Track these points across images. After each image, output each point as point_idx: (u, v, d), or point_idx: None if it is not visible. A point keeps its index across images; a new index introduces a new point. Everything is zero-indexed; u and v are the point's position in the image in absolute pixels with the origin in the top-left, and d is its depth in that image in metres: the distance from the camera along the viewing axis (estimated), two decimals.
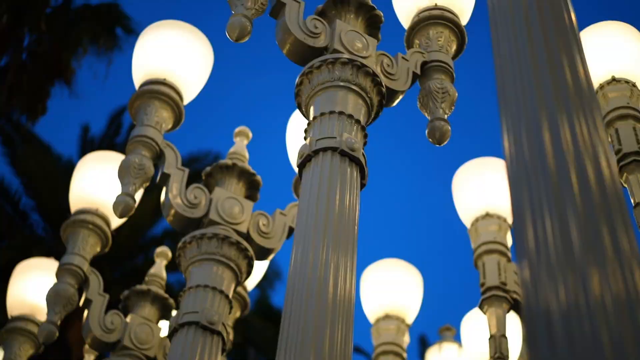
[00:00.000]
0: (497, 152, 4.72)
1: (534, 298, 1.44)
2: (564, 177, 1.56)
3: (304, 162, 2.87)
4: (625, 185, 3.59)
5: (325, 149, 2.83)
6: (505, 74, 1.87)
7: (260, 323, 16.55)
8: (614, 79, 3.86)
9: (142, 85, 3.88)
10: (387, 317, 4.95)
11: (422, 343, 20.98)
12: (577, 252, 1.44)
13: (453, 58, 3.45)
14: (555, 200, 1.53)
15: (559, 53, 1.82)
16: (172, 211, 3.69)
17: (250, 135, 4.31)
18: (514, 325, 4.45)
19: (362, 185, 2.92)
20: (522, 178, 1.62)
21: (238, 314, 4.28)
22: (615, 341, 1.31)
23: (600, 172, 1.57)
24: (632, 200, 3.52)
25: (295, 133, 4.14)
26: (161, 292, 4.31)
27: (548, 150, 1.62)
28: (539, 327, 1.40)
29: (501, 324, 4.12)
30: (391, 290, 5.02)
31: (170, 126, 3.86)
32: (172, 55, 3.96)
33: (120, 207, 3.49)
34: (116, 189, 3.66)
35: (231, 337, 4.03)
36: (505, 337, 4.10)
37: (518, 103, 1.76)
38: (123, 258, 14.24)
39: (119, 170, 3.63)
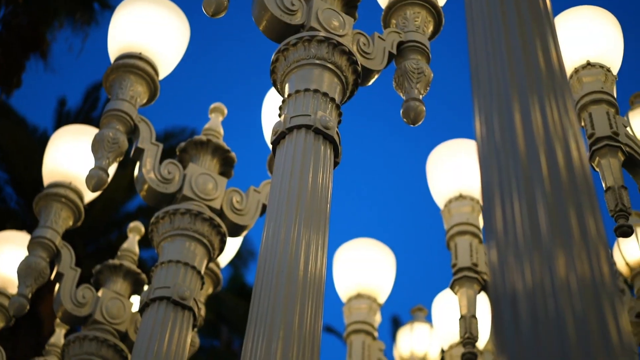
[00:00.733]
0: (472, 134, 4.74)
1: (501, 278, 1.45)
2: (533, 159, 1.57)
3: (277, 140, 2.87)
4: (597, 170, 3.62)
5: (299, 127, 2.83)
6: (478, 56, 1.88)
7: (233, 300, 16.57)
8: (589, 64, 3.88)
9: (117, 59, 3.86)
10: (359, 296, 4.98)
11: (395, 323, 21.09)
12: (544, 234, 1.45)
13: (430, 39, 3.45)
14: (524, 182, 1.54)
15: (533, 36, 1.83)
16: (146, 186, 3.68)
17: (226, 111, 4.30)
18: (484, 306, 4.49)
19: (336, 164, 2.92)
20: (492, 159, 1.63)
21: (210, 290, 4.28)
22: (578, 321, 1.33)
23: (570, 155, 1.59)
24: (603, 185, 3.55)
25: (271, 110, 4.13)
26: (133, 267, 4.30)
27: (518, 132, 1.63)
28: (505, 307, 1.42)
29: (472, 305, 4.15)
30: (363, 269, 5.04)
31: (145, 101, 3.84)
32: (148, 30, 3.93)
33: (93, 181, 3.48)
34: (90, 162, 3.64)
35: (203, 313, 4.04)
36: (476, 318, 4.13)
37: (490, 84, 1.77)
38: (97, 233, 14.20)
39: (92, 144, 3.61)
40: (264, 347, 2.32)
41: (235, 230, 3.81)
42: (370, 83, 3.28)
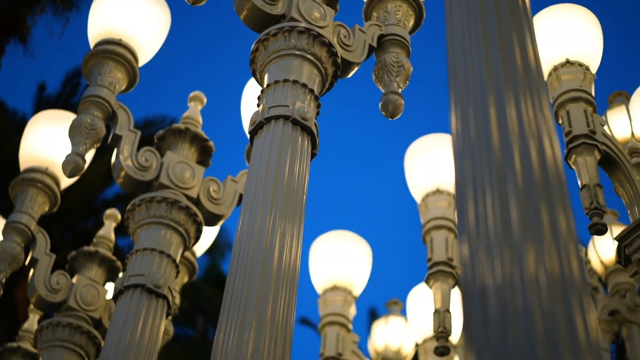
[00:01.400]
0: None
1: (471, 272, 1.46)
2: (507, 155, 1.58)
3: (255, 129, 2.87)
4: (574, 167, 3.64)
5: (277, 117, 2.82)
6: (456, 51, 1.88)
7: (209, 290, 16.54)
8: (568, 62, 3.89)
9: (97, 45, 3.84)
10: (334, 288, 4.99)
11: (372, 315, 21.14)
12: (515, 230, 1.46)
13: (410, 33, 3.46)
14: (497, 177, 1.55)
15: (510, 33, 1.83)
16: (123, 173, 3.66)
17: (205, 100, 4.29)
18: (458, 300, 4.51)
19: (313, 155, 2.92)
20: (466, 153, 1.64)
21: (186, 279, 4.28)
22: (546, 317, 1.34)
23: (543, 151, 1.59)
24: (578, 182, 3.57)
25: (251, 100, 4.12)
26: (109, 254, 4.29)
27: (493, 127, 1.64)
28: (474, 300, 1.42)
29: (446, 299, 4.17)
30: (339, 261, 5.05)
31: (124, 87, 3.82)
32: (129, 16, 3.91)
33: (69, 166, 3.46)
34: (67, 148, 3.62)
35: (177, 301, 4.04)
36: (449, 312, 4.15)
37: (467, 80, 1.78)
38: (74, 220, 14.13)
39: (69, 129, 3.59)
40: (236, 336, 2.32)
41: (211, 220, 3.81)
42: (350, 75, 3.29)
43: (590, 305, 1.39)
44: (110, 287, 4.25)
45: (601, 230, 3.44)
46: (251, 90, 4.23)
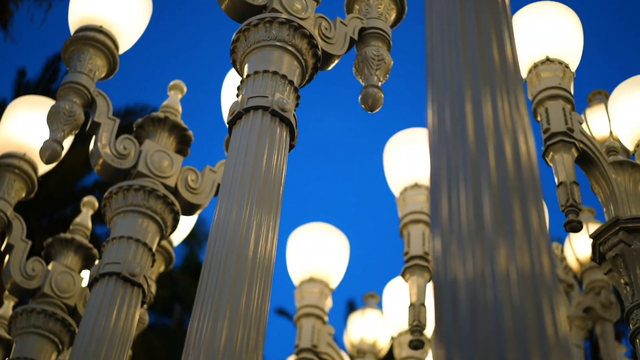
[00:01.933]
0: None
1: (443, 266, 1.46)
2: (481, 150, 1.59)
3: (234, 120, 2.87)
4: (551, 164, 3.66)
5: (256, 108, 2.82)
6: (435, 46, 1.89)
7: (187, 279, 16.53)
8: (548, 59, 3.91)
9: (77, 32, 3.81)
10: (311, 280, 4.99)
11: (351, 308, 21.19)
12: (488, 225, 1.47)
13: (392, 26, 3.46)
14: (471, 172, 1.56)
15: (489, 30, 1.84)
16: (101, 161, 3.65)
17: (185, 89, 4.28)
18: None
19: (291, 147, 2.93)
20: (441, 148, 1.64)
21: (162, 268, 4.27)
22: (516, 312, 1.35)
23: (518, 148, 1.60)
24: (555, 180, 3.59)
25: (231, 90, 4.11)
26: (85, 241, 4.27)
27: (469, 123, 1.64)
28: (445, 295, 1.43)
29: (421, 293, 4.19)
30: (317, 253, 5.06)
31: (104, 74, 3.80)
32: (110, 3, 3.88)
33: (47, 153, 3.44)
34: (46, 134, 3.60)
35: (153, 290, 4.03)
36: (425, 306, 4.17)
37: (444, 75, 1.78)
38: (52, 207, 14.07)
39: (48, 115, 3.57)
40: (209, 326, 2.33)
41: (189, 209, 3.80)
42: (330, 67, 3.29)
43: (560, 302, 1.40)
44: (86, 274, 4.24)
45: (576, 227, 3.46)
46: (232, 81, 4.22)
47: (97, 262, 4.18)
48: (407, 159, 4.59)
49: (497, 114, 1.65)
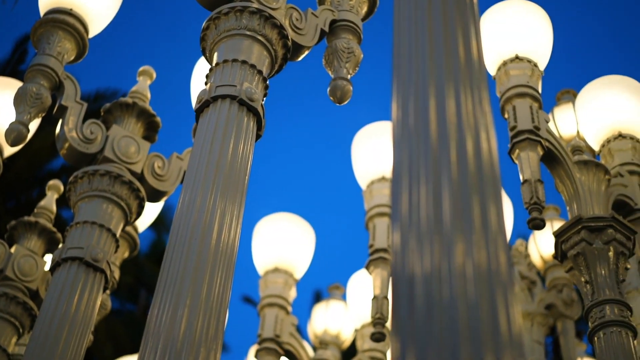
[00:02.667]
0: None
1: (401, 261, 1.48)
2: (443, 146, 1.60)
3: (201, 108, 2.87)
4: (517, 162, 3.69)
5: (224, 97, 2.82)
6: (401, 41, 1.90)
7: (153, 266, 16.46)
8: (517, 57, 3.94)
9: (47, 14, 3.77)
10: (276, 270, 4.99)
11: (317, 298, 21.20)
12: (447, 220, 1.48)
13: (363, 20, 3.47)
14: (432, 168, 1.57)
15: (455, 28, 1.85)
16: (67, 145, 3.62)
17: (154, 75, 4.25)
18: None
19: (258, 137, 2.93)
20: (403, 143, 1.65)
21: (127, 254, 4.26)
22: (471, 308, 1.36)
23: (479, 145, 1.62)
24: (520, 177, 3.62)
25: (201, 78, 4.10)
26: (49, 225, 4.24)
27: (432, 118, 1.65)
28: (403, 289, 1.44)
29: (385, 286, 4.21)
30: (282, 244, 5.06)
31: (72, 58, 3.77)
32: None
33: (12, 135, 3.41)
34: (12, 116, 3.57)
35: (116, 276, 4.02)
36: (387, 299, 4.18)
37: (410, 70, 1.79)
38: (19, 189, 13.94)
39: (14, 97, 3.53)
40: (169, 313, 2.33)
41: (154, 196, 3.79)
42: (300, 59, 3.29)
43: (515, 299, 1.42)
44: (49, 258, 4.21)
45: (539, 225, 3.49)
46: (202, 68, 4.21)
47: (60, 246, 4.17)
48: (374, 152, 4.60)
49: (460, 110, 1.66)
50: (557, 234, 3.71)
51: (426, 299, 1.39)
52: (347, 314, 5.89)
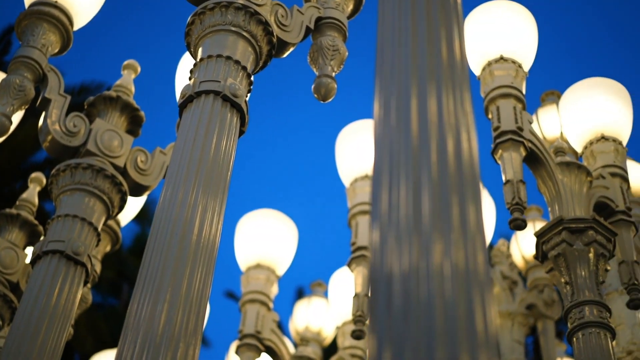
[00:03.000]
0: None
1: (380, 259, 1.48)
2: (424, 146, 1.60)
3: (185, 103, 2.86)
4: (499, 162, 3.70)
5: (207, 92, 2.82)
6: (385, 40, 1.90)
7: (136, 260, 16.42)
8: (502, 58, 3.95)
9: (31, 5, 3.75)
10: (258, 266, 4.99)
11: (300, 295, 21.19)
12: (426, 220, 1.49)
13: (348, 17, 3.47)
14: (413, 167, 1.57)
15: (439, 28, 1.86)
16: (49, 137, 3.61)
17: (139, 69, 4.24)
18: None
19: (241, 133, 2.93)
20: (385, 141, 1.66)
21: (108, 248, 4.24)
22: (448, 307, 1.37)
23: (460, 145, 1.62)
24: (503, 178, 3.63)
25: (186, 73, 4.09)
26: (31, 217, 4.23)
27: (413, 118, 1.66)
28: (381, 286, 1.45)
29: (366, 284, 4.21)
30: (265, 240, 5.06)
31: (56, 50, 3.75)
32: None
33: None
34: None
35: (98, 269, 4.01)
36: (368, 297, 4.19)
37: (392, 69, 1.79)
38: (1, 182, 13.89)
39: None
40: (149, 308, 2.32)
41: (137, 190, 3.78)
42: (285, 55, 3.29)
43: (492, 299, 1.42)
44: (30, 251, 4.20)
45: (520, 225, 3.51)
46: (187, 63, 4.19)
47: (42, 239, 4.15)
48: (358, 150, 4.61)
49: (442, 110, 1.67)
50: (538, 235, 3.73)
51: (404, 297, 1.39)
52: (328, 311, 5.89)
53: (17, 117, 3.59)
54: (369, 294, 1.50)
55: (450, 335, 1.33)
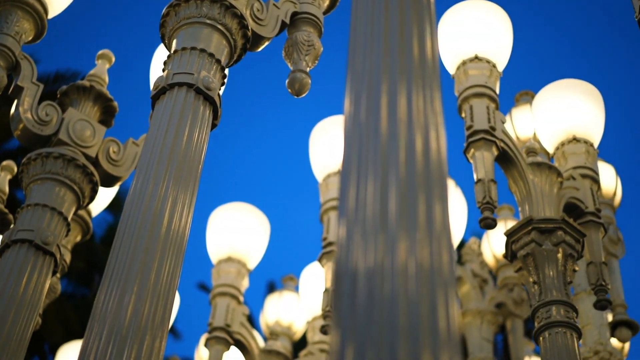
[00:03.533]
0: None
1: (345, 255, 1.49)
2: (392, 143, 1.61)
3: (158, 94, 2.86)
4: (472, 161, 3.72)
5: (181, 84, 2.82)
6: (357, 37, 1.90)
7: (108, 250, 16.33)
8: (476, 57, 3.97)
9: None
10: (229, 259, 4.99)
11: (271, 289, 21.18)
12: (392, 218, 1.49)
13: (325, 13, 3.48)
14: (381, 165, 1.58)
15: (411, 26, 1.86)
16: (21, 126, 3.59)
17: (113, 59, 4.22)
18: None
19: (214, 126, 2.93)
20: (354, 138, 1.66)
21: (79, 238, 4.22)
22: (411, 305, 1.38)
23: (428, 144, 1.63)
24: (474, 177, 3.65)
25: (161, 64, 4.08)
26: (1, 206, 4.20)
27: (383, 115, 1.67)
28: (346, 283, 1.45)
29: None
30: (236, 233, 5.05)
31: (30, 38, 3.73)
32: None
33: None
34: None
35: (67, 259, 3.99)
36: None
37: (364, 66, 1.80)
38: None
39: None
40: (116, 300, 2.32)
41: (108, 181, 3.76)
42: (259, 49, 3.29)
43: (455, 298, 1.43)
44: None
45: (490, 224, 3.53)
46: (162, 55, 4.18)
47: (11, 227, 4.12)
48: (331, 146, 4.62)
49: (412, 108, 1.68)
50: (508, 234, 3.75)
51: (368, 294, 1.40)
52: (299, 306, 5.90)
53: None
54: (333, 289, 1.51)
55: (413, 333, 1.34)
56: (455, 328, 1.38)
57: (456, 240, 5.20)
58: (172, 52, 2.98)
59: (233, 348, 4.88)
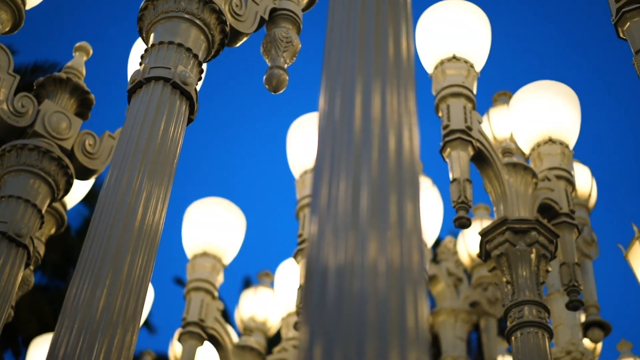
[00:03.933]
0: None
1: (316, 252, 1.49)
2: (366, 142, 1.61)
3: (134, 88, 2.85)
4: (447, 160, 3.74)
5: (157, 78, 2.81)
6: (334, 35, 1.91)
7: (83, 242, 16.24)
8: (454, 57, 3.98)
9: None
10: (204, 254, 4.98)
11: (247, 285, 21.14)
12: (363, 216, 1.50)
13: (304, 10, 3.48)
14: (353, 163, 1.58)
15: (387, 26, 1.87)
16: None
17: (91, 51, 4.20)
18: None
19: (190, 120, 2.92)
20: (328, 136, 1.67)
21: (53, 230, 4.20)
22: (380, 303, 1.38)
23: (401, 143, 1.63)
24: (450, 176, 3.67)
25: (139, 58, 4.07)
26: None
27: (357, 114, 1.67)
28: (316, 280, 1.46)
29: None
30: (212, 228, 5.04)
31: (7, 29, 3.71)
32: None
33: None
34: None
35: (41, 252, 3.97)
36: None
37: (339, 64, 1.80)
38: None
39: None
40: (88, 293, 2.31)
41: (84, 174, 3.75)
42: (238, 45, 3.29)
43: (424, 298, 1.44)
44: None
45: (465, 224, 3.54)
46: (140, 48, 4.16)
47: None
48: (308, 143, 4.62)
49: (385, 108, 1.68)
50: (483, 234, 3.77)
51: (337, 291, 1.40)
52: (274, 302, 5.90)
53: None
54: (303, 285, 1.51)
55: (382, 331, 1.34)
56: (424, 327, 1.38)
57: (432, 238, 5.22)
58: (149, 46, 2.97)
59: (207, 343, 4.87)
